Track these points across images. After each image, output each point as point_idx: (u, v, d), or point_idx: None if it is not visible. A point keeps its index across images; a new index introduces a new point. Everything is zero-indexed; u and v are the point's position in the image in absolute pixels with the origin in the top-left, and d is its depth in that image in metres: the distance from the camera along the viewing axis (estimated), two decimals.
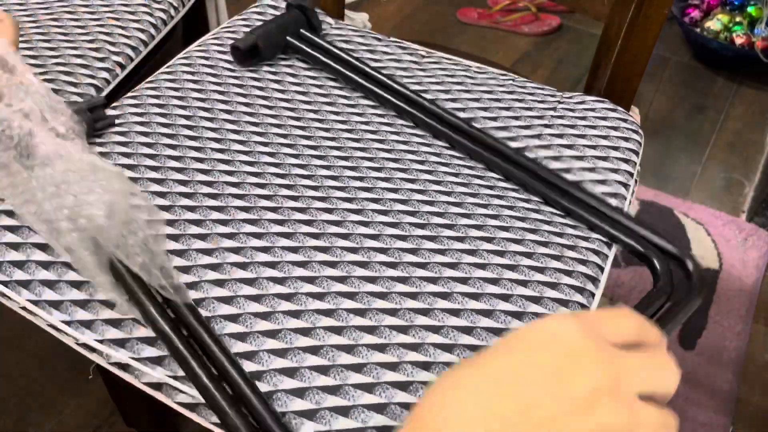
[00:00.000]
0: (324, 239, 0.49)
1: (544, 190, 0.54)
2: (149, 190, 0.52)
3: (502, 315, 0.45)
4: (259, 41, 0.64)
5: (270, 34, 0.65)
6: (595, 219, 0.52)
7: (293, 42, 0.65)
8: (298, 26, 0.66)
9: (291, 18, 0.67)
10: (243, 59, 0.65)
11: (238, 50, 0.64)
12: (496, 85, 0.66)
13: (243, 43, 0.64)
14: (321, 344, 0.42)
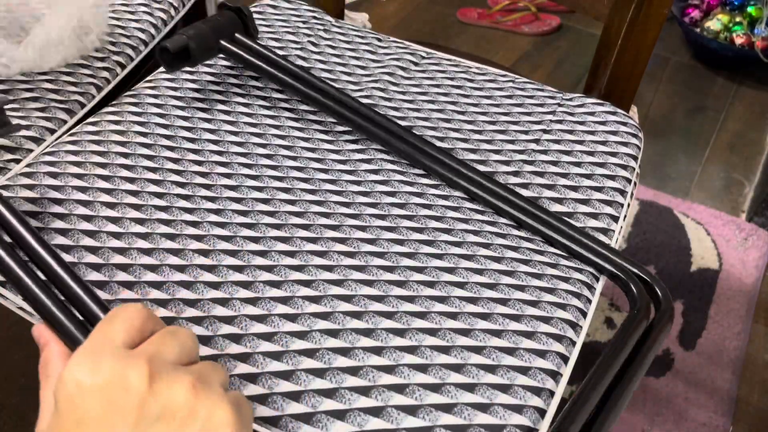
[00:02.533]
0: (321, 243, 0.49)
1: (522, 218, 0.52)
2: (147, 191, 0.52)
3: (500, 317, 0.45)
4: (190, 43, 0.58)
5: (203, 36, 0.59)
6: (576, 247, 0.50)
7: (226, 46, 0.60)
8: (233, 29, 0.61)
9: (225, 20, 0.61)
10: (171, 61, 0.59)
11: (166, 51, 0.58)
12: (495, 87, 0.66)
13: (173, 44, 0.57)
14: (317, 347, 0.42)
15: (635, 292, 0.49)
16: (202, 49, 0.59)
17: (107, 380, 0.28)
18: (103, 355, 0.30)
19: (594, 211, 0.54)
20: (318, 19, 0.74)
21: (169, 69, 0.59)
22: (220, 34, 0.60)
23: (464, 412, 0.40)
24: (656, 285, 0.50)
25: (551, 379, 0.42)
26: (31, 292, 0.38)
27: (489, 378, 0.41)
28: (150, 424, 0.28)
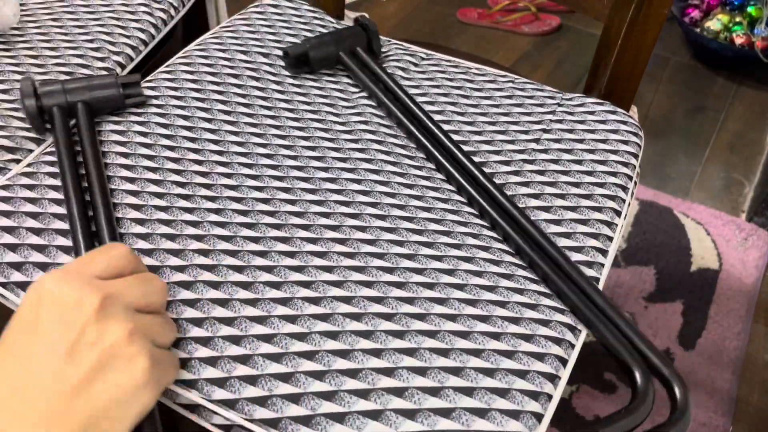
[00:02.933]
0: (321, 244, 0.49)
1: (534, 259, 0.49)
2: (147, 191, 0.52)
3: (498, 320, 0.45)
4: (310, 51, 0.64)
5: (323, 46, 0.64)
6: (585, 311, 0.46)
7: (344, 59, 0.65)
8: (356, 43, 0.66)
9: (350, 33, 0.66)
10: (293, 65, 0.65)
11: (287, 56, 0.64)
12: (495, 88, 0.66)
13: (293, 50, 0.64)
14: (317, 349, 0.42)
15: (639, 381, 0.42)
16: (321, 58, 0.65)
17: (66, 296, 0.33)
18: (74, 276, 0.35)
19: (597, 205, 0.54)
20: (319, 19, 0.74)
21: (291, 71, 0.65)
22: (341, 47, 0.65)
23: (462, 417, 0.40)
24: (674, 382, 0.42)
25: (549, 383, 0.42)
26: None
27: (487, 382, 0.41)
28: (85, 346, 0.33)
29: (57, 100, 0.54)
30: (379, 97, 0.62)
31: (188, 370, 0.41)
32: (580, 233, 0.52)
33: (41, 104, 0.54)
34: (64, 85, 0.55)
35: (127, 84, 0.58)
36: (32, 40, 0.67)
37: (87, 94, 0.55)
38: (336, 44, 0.65)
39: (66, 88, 0.55)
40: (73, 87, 0.55)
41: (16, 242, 0.47)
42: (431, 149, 0.57)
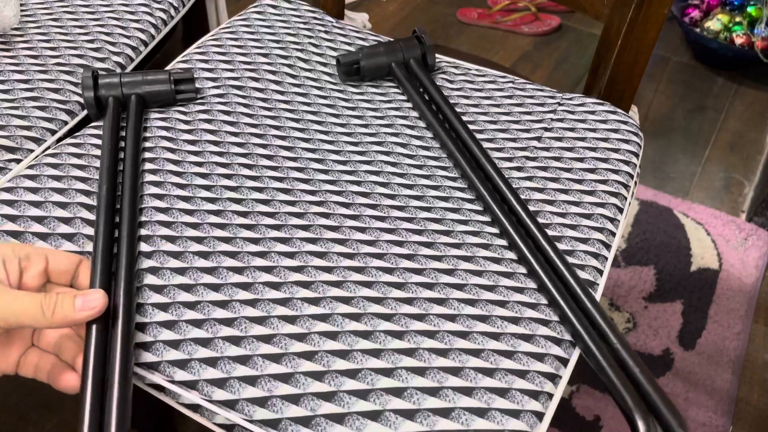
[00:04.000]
0: (321, 245, 0.49)
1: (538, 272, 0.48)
2: (147, 193, 0.52)
3: (498, 320, 0.45)
4: (362, 60, 0.64)
5: (374, 56, 0.65)
6: (590, 342, 0.44)
7: (395, 70, 0.65)
8: (410, 55, 0.66)
9: (404, 45, 0.66)
10: (345, 73, 0.66)
11: (339, 64, 0.65)
12: (495, 88, 0.66)
13: (344, 58, 0.65)
14: (316, 350, 0.42)
15: (640, 426, 0.40)
16: (372, 67, 0.65)
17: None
18: None
19: (600, 201, 0.54)
20: (318, 19, 0.74)
21: (342, 78, 0.66)
22: (394, 57, 0.66)
23: (462, 416, 0.40)
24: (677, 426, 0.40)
25: (550, 382, 0.42)
26: None
27: (487, 381, 0.41)
28: None
29: (114, 91, 0.58)
30: (422, 109, 0.62)
31: (188, 371, 0.41)
32: (584, 226, 0.52)
33: (99, 94, 0.57)
34: (121, 78, 0.58)
35: (180, 80, 0.60)
36: (32, 40, 0.67)
37: (141, 87, 0.58)
38: (387, 55, 0.65)
39: (123, 81, 0.58)
40: (129, 80, 0.58)
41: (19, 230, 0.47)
42: (442, 144, 0.57)
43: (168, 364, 0.42)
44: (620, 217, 0.55)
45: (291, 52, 0.68)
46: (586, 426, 0.93)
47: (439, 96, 0.62)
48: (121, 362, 0.39)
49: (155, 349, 0.43)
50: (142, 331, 0.43)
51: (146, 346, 0.43)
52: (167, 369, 0.42)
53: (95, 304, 0.39)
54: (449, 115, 0.60)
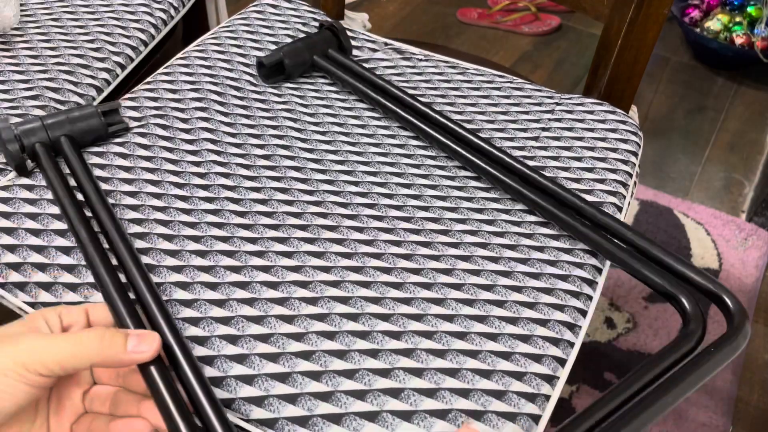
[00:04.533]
0: (318, 244, 0.49)
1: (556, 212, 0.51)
2: (145, 191, 0.52)
3: (496, 320, 0.45)
4: (285, 59, 0.63)
5: (297, 52, 0.64)
6: (615, 250, 0.47)
7: (319, 61, 0.65)
8: (326, 45, 0.66)
9: (320, 37, 0.66)
10: (267, 75, 0.64)
11: (263, 66, 0.64)
12: (493, 88, 0.66)
13: (267, 59, 0.63)
14: (313, 349, 0.42)
15: (687, 306, 0.43)
16: (296, 64, 0.64)
17: None
18: None
19: (598, 200, 0.54)
20: (317, 20, 0.73)
21: (266, 81, 0.64)
22: (314, 50, 0.65)
23: (458, 419, 0.40)
24: (724, 295, 0.43)
25: (547, 384, 0.42)
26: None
27: (484, 383, 0.41)
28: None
29: (39, 137, 0.51)
30: (363, 91, 0.62)
31: None
32: None
33: (23, 143, 0.51)
34: (43, 121, 0.52)
35: (108, 112, 0.55)
36: (32, 40, 0.67)
37: (68, 127, 0.53)
38: (308, 49, 0.65)
39: (46, 124, 0.52)
40: (53, 122, 0.52)
41: (15, 243, 0.47)
42: (429, 131, 0.58)
43: None
44: (618, 216, 0.54)
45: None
46: None
47: (371, 74, 0.63)
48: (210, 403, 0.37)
49: None
50: None
51: None
52: None
53: (147, 347, 0.36)
54: (394, 92, 0.61)
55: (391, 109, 0.60)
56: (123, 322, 0.40)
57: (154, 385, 0.36)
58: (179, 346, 0.39)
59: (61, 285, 0.45)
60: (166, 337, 0.39)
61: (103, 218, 0.47)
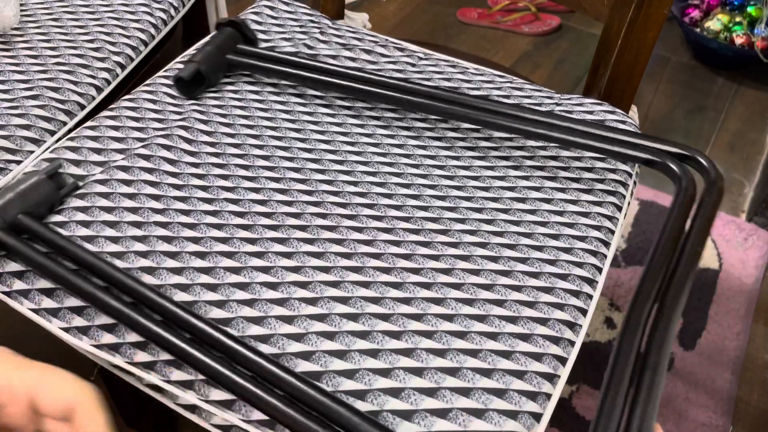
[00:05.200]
0: (318, 244, 0.49)
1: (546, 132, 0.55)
2: (144, 193, 0.52)
3: (496, 319, 0.45)
4: (201, 67, 0.60)
5: (210, 58, 0.61)
6: (604, 145, 0.54)
7: (233, 59, 0.63)
8: (234, 42, 0.64)
9: (226, 36, 0.64)
10: (188, 90, 0.61)
11: (182, 81, 0.61)
12: (493, 88, 0.66)
13: (186, 73, 0.60)
14: (313, 349, 0.42)
15: (676, 170, 0.51)
16: (213, 70, 0.62)
17: None
18: None
19: (598, 200, 0.54)
20: (315, 22, 0.73)
21: (189, 96, 0.61)
22: (225, 50, 0.63)
23: (459, 417, 0.40)
24: (699, 156, 0.52)
25: (548, 382, 0.42)
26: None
27: (484, 382, 0.41)
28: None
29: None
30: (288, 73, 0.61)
31: (185, 371, 0.41)
32: (582, 224, 0.52)
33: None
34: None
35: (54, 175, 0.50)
36: (32, 40, 0.67)
37: (20, 206, 0.47)
38: (220, 50, 0.62)
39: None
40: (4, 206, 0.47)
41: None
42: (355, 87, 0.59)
43: (164, 364, 0.42)
44: (619, 215, 0.54)
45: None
46: (586, 426, 0.93)
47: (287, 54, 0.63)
48: None
49: (151, 348, 0.43)
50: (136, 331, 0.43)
51: (142, 346, 0.43)
52: (163, 368, 0.42)
53: None
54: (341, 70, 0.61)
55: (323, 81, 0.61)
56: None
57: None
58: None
59: (61, 290, 0.45)
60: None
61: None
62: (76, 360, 0.98)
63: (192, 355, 0.40)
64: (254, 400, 0.38)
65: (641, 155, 0.53)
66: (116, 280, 0.44)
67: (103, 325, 0.44)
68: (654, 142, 0.54)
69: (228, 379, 0.39)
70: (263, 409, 0.38)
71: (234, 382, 0.38)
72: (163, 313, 0.42)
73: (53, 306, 0.45)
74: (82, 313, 0.44)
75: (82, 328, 0.44)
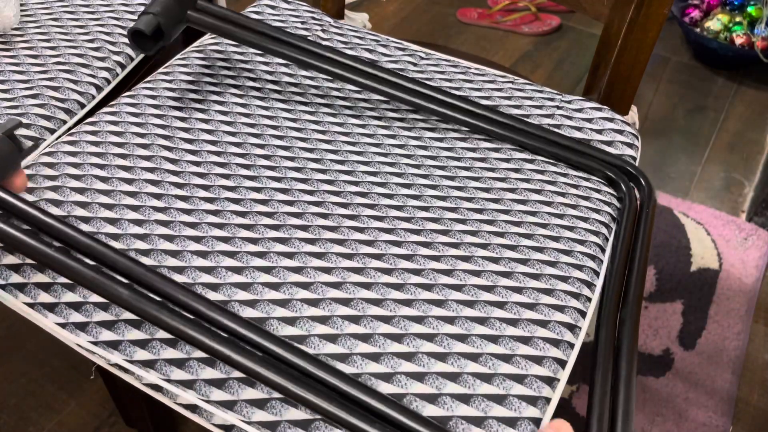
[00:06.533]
0: (319, 245, 0.49)
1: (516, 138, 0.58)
2: (145, 191, 0.52)
3: (497, 322, 0.45)
4: (160, 20, 0.54)
5: (170, 10, 0.55)
6: (580, 159, 0.58)
7: (194, 16, 0.57)
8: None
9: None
10: (145, 44, 0.56)
11: (140, 34, 0.55)
12: (494, 89, 0.66)
13: (146, 25, 0.54)
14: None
15: (621, 184, 0.57)
16: (172, 24, 0.56)
17: None
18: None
19: (597, 207, 0.55)
20: (316, 19, 0.73)
21: (146, 52, 0.57)
22: (185, 5, 0.57)
23: (459, 426, 0.39)
24: (639, 174, 0.58)
25: (547, 386, 0.42)
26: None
27: (485, 388, 0.41)
28: None
29: None
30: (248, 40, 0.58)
31: (186, 371, 0.41)
32: (581, 228, 0.52)
33: None
34: None
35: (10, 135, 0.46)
36: (32, 40, 0.67)
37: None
38: (179, 2, 0.56)
39: None
40: None
41: None
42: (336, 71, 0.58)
43: (165, 363, 0.42)
44: (614, 225, 0.55)
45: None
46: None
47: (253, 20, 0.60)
48: None
49: (151, 346, 0.43)
50: (137, 329, 0.43)
51: (142, 344, 0.43)
52: (164, 367, 0.42)
53: None
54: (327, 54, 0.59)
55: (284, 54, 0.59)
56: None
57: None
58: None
59: (59, 285, 0.45)
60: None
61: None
62: (76, 359, 0.98)
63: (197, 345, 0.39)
64: (256, 403, 0.38)
65: (594, 165, 0.58)
66: (109, 261, 0.43)
67: (101, 322, 0.44)
68: (606, 155, 0.58)
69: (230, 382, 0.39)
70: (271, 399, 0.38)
71: (236, 385, 0.38)
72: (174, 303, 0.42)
73: (50, 301, 0.45)
74: (80, 309, 0.44)
75: (79, 324, 0.44)
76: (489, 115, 0.59)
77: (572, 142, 0.59)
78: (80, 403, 0.90)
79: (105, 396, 0.90)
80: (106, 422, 0.89)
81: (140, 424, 0.87)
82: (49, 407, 0.90)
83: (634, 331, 0.46)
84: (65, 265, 0.40)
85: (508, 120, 0.59)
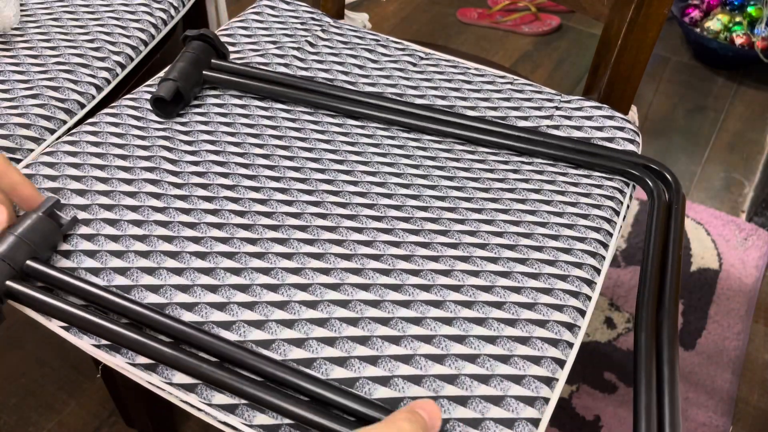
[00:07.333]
0: (318, 245, 0.49)
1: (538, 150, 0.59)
2: (144, 191, 0.52)
3: (495, 322, 0.45)
4: (180, 84, 0.58)
5: (188, 75, 0.59)
6: (588, 159, 0.58)
7: (210, 75, 0.61)
8: (208, 57, 0.61)
9: (199, 51, 0.61)
10: (166, 108, 0.59)
11: (161, 101, 0.58)
12: (493, 90, 0.66)
13: (167, 91, 0.58)
14: (314, 356, 0.42)
15: (649, 182, 0.57)
16: (191, 87, 0.60)
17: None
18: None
19: (597, 203, 0.55)
20: (316, 20, 0.73)
21: (168, 117, 0.59)
22: (201, 66, 0.61)
23: (456, 428, 0.39)
24: (664, 171, 0.58)
25: (546, 386, 0.42)
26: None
27: (483, 390, 0.41)
28: None
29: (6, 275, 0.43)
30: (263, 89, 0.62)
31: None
32: (581, 226, 0.52)
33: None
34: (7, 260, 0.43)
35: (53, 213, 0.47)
36: (32, 40, 0.67)
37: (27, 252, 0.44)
38: (195, 66, 0.60)
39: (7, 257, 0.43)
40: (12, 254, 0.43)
41: None
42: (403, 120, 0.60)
43: (166, 366, 0.42)
44: (617, 219, 0.55)
45: (287, 51, 0.68)
46: (586, 426, 0.93)
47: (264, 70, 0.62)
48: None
49: None
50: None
51: None
52: (165, 371, 0.42)
53: None
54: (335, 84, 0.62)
55: (293, 97, 0.62)
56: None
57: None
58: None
59: None
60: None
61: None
62: (79, 358, 0.98)
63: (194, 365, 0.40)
64: (259, 406, 0.38)
65: (617, 167, 0.58)
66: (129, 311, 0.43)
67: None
68: (628, 156, 0.58)
69: (231, 386, 0.39)
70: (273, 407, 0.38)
71: (238, 388, 0.39)
72: (171, 330, 0.42)
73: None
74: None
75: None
76: (494, 129, 0.60)
77: (597, 148, 0.59)
78: (80, 403, 0.90)
79: (105, 396, 0.90)
80: (106, 422, 0.89)
81: (140, 424, 0.87)
82: (49, 407, 0.90)
83: (673, 333, 0.45)
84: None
85: (521, 132, 0.60)
